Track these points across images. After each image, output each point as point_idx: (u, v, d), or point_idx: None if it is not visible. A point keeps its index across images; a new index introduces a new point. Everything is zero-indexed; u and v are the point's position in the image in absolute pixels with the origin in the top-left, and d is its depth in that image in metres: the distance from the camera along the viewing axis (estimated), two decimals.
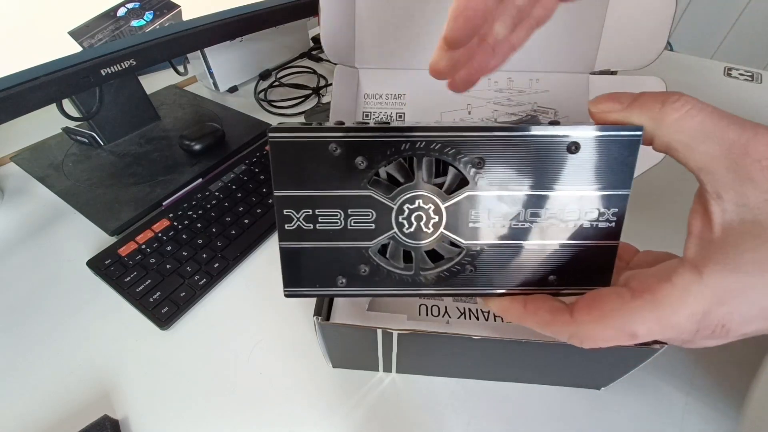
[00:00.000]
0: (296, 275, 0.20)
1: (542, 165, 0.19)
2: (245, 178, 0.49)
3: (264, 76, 0.71)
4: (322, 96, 0.68)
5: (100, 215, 0.44)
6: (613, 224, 0.20)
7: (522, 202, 0.19)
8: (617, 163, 0.18)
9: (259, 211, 0.45)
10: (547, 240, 0.20)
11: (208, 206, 0.46)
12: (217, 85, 0.67)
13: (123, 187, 0.47)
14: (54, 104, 0.43)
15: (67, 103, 0.46)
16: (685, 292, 0.16)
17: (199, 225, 0.43)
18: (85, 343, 0.35)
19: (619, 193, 0.19)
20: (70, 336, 0.36)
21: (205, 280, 0.39)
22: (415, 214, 0.19)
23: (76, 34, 0.39)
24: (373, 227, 0.20)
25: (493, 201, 0.19)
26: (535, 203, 0.19)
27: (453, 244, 0.20)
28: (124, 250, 0.40)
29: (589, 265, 0.20)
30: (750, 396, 0.27)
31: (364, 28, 0.39)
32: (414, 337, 0.27)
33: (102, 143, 0.53)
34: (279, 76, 0.72)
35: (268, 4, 0.53)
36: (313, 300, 0.27)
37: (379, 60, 0.40)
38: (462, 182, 0.19)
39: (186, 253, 0.41)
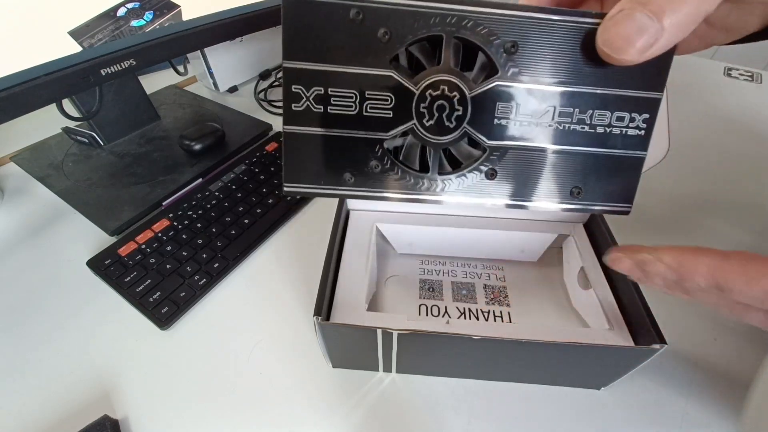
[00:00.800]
0: (299, 168, 0.18)
1: (578, 58, 0.17)
2: (245, 178, 0.49)
3: (264, 76, 0.71)
4: None
5: (100, 215, 0.44)
6: (643, 132, 0.18)
7: (553, 98, 0.18)
8: (652, 65, 0.17)
9: (259, 211, 0.45)
10: (574, 146, 0.18)
11: (208, 206, 0.46)
12: (217, 85, 0.67)
13: (123, 187, 0.47)
14: (54, 104, 0.43)
15: (67, 103, 0.46)
16: None
17: (199, 225, 0.43)
18: (85, 343, 0.35)
19: (652, 96, 0.18)
20: (70, 336, 0.36)
21: (205, 280, 0.39)
22: (438, 102, 0.17)
23: (76, 34, 0.39)
24: (390, 115, 0.18)
25: (522, 94, 0.17)
26: (567, 101, 0.18)
27: (474, 143, 0.18)
28: (124, 250, 0.40)
29: (616, 179, 0.19)
30: (750, 396, 0.26)
31: None
32: (414, 337, 0.27)
33: (102, 143, 0.53)
34: (279, 76, 0.72)
35: (268, 4, 0.53)
36: (314, 299, 0.27)
37: None
38: (491, 71, 0.18)
39: (186, 253, 0.41)
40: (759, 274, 0.16)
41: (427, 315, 0.33)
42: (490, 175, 0.19)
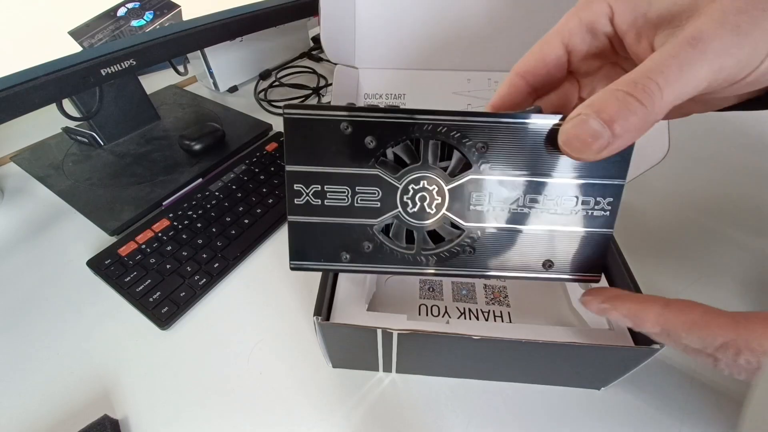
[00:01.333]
0: (302, 249, 0.21)
1: (543, 152, 0.19)
2: (245, 178, 0.49)
3: (264, 76, 0.71)
4: (322, 96, 0.68)
5: (100, 215, 0.44)
6: (608, 213, 0.20)
7: (522, 187, 0.20)
8: (615, 156, 0.19)
9: (259, 211, 0.45)
10: (544, 226, 0.20)
11: (208, 206, 0.46)
12: (217, 85, 0.67)
13: (123, 187, 0.47)
14: (54, 104, 0.43)
15: (67, 103, 0.46)
16: None
17: (199, 225, 0.43)
18: (85, 342, 0.35)
19: (615, 183, 0.20)
20: (70, 336, 0.36)
21: (205, 280, 0.39)
22: (420, 194, 0.20)
23: (76, 34, 0.39)
24: (378, 205, 0.20)
25: (494, 185, 0.20)
26: (535, 189, 0.20)
27: (454, 226, 0.21)
28: (124, 250, 0.40)
29: (584, 253, 0.21)
30: (750, 396, 0.26)
31: (364, 28, 0.39)
32: (414, 337, 0.27)
33: (102, 143, 0.53)
34: (279, 76, 0.72)
35: (268, 4, 0.53)
36: (314, 299, 0.27)
37: (379, 60, 0.40)
38: (465, 166, 0.20)
39: (186, 253, 0.41)
40: (696, 323, 0.17)
41: (427, 315, 0.33)
42: (469, 251, 0.21)
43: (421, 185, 0.20)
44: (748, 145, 0.56)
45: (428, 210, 0.20)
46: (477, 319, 0.33)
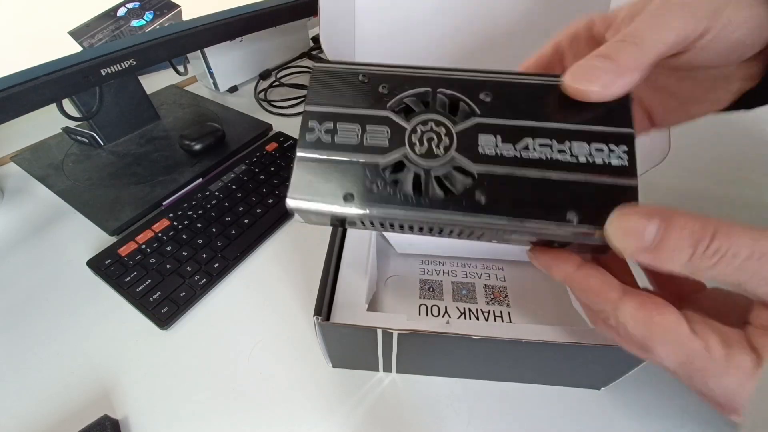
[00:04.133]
0: (305, 184, 0.21)
1: (549, 104, 0.20)
2: (245, 178, 0.49)
3: (264, 76, 0.71)
4: None
5: (100, 215, 0.44)
6: (626, 162, 0.20)
7: (531, 131, 0.20)
8: (615, 105, 0.20)
9: (259, 211, 0.45)
10: (562, 172, 0.20)
11: (208, 206, 0.46)
12: (217, 85, 0.67)
13: (123, 187, 0.47)
14: (54, 104, 0.43)
15: (67, 103, 0.46)
16: (747, 375, 0.16)
17: (199, 225, 0.43)
18: (86, 343, 0.35)
19: (622, 131, 0.20)
20: (70, 336, 0.36)
21: (205, 280, 0.39)
22: (427, 134, 0.21)
23: (76, 34, 0.39)
24: (386, 144, 0.21)
25: (501, 128, 0.20)
26: (544, 133, 0.20)
27: (463, 171, 0.21)
28: (124, 250, 0.40)
29: (607, 208, 0.19)
30: (750, 396, 0.26)
31: (364, 28, 0.39)
32: (414, 337, 0.27)
33: (102, 143, 0.53)
34: (279, 76, 0.72)
35: (268, 4, 0.53)
36: (314, 299, 0.27)
37: (378, 60, 0.40)
38: (473, 114, 0.21)
39: (186, 253, 0.41)
40: (591, 289, 0.19)
41: (427, 315, 0.33)
42: (479, 197, 0.20)
43: (429, 126, 0.21)
44: (749, 146, 0.56)
45: (436, 151, 0.21)
46: (477, 319, 0.33)
